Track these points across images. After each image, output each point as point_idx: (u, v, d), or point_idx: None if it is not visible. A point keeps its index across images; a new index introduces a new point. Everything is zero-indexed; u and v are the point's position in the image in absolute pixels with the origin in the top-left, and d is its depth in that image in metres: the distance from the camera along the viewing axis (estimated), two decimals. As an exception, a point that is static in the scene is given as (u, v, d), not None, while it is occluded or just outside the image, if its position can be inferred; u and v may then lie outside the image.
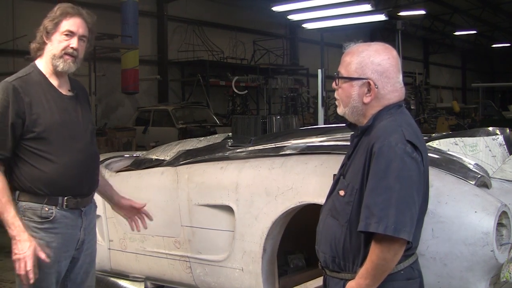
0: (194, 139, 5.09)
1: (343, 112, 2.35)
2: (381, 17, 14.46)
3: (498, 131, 3.42)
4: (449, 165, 3.03)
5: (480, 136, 3.37)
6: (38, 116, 2.79)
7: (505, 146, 3.47)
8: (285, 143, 3.80)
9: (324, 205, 2.42)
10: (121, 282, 4.43)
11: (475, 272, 2.64)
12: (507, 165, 3.27)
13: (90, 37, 2.98)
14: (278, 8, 13.94)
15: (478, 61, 41.29)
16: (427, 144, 3.04)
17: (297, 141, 3.79)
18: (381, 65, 2.24)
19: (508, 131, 3.56)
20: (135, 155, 5.28)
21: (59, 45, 2.86)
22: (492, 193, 2.86)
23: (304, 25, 15.63)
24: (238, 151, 3.95)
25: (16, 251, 2.68)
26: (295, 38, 25.93)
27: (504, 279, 2.72)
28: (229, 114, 19.59)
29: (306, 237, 3.64)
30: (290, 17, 14.77)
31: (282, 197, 3.33)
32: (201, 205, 3.75)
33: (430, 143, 3.27)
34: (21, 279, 2.68)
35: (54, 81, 2.92)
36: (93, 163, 3.03)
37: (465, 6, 26.60)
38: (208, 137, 5.31)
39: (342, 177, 2.32)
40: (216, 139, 4.99)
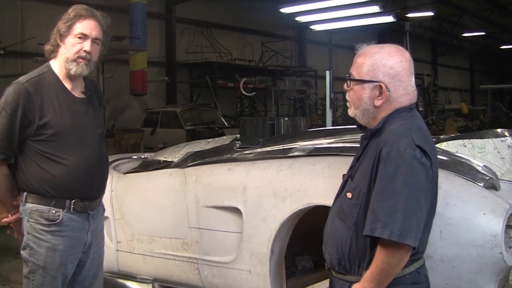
0: (202, 140, 5.09)
1: (354, 114, 2.33)
2: (389, 19, 14.39)
3: (506, 133, 3.40)
4: (458, 167, 3.02)
5: (488, 138, 3.35)
6: (48, 119, 2.78)
7: (514, 148, 3.44)
8: (293, 145, 3.79)
9: (332, 206, 2.41)
10: (129, 283, 4.43)
11: (483, 274, 2.62)
12: (516, 167, 3.26)
13: (104, 40, 2.92)
14: (286, 9, 13.97)
15: (486, 63, 41.05)
16: (435, 146, 3.03)
17: (305, 143, 3.78)
18: (394, 68, 2.22)
19: (516, 133, 3.54)
20: (143, 157, 5.29)
21: (72, 48, 2.82)
22: (500, 195, 2.84)
23: (312, 27, 15.57)
24: (246, 152, 3.95)
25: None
26: (303, 39, 25.92)
27: (513, 282, 2.72)
28: (237, 115, 19.58)
29: (314, 239, 3.63)
30: (298, 18, 14.79)
31: (290, 199, 3.33)
32: (209, 207, 3.75)
33: (438, 145, 3.25)
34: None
35: (67, 84, 2.90)
36: (101, 166, 3.02)
37: (474, 7, 26.45)
38: (216, 138, 5.31)
39: (350, 179, 2.30)
40: (224, 140, 4.99)
